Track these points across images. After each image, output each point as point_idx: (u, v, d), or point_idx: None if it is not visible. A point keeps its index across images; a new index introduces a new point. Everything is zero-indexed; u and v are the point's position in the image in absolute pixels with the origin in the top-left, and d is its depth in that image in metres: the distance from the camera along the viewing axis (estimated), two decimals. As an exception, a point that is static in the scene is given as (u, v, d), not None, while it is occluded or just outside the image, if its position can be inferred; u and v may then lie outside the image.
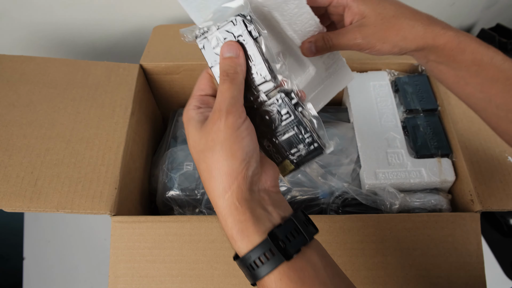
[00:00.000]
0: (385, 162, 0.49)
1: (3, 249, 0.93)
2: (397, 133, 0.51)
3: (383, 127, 0.52)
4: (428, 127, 0.51)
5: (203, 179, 0.28)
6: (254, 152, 0.28)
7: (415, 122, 0.52)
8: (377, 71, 0.57)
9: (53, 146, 0.46)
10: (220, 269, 0.43)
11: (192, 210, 0.51)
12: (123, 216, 0.43)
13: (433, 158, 0.49)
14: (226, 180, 0.26)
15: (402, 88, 0.55)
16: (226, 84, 0.28)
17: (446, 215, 0.44)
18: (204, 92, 0.31)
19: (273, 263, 0.25)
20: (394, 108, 0.54)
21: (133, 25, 0.71)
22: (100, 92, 0.51)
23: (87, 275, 0.70)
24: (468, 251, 0.43)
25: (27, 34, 0.67)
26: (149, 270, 0.43)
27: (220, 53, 0.29)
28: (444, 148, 0.49)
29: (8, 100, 0.49)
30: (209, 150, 0.27)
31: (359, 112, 0.54)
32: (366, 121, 0.53)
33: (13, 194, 0.42)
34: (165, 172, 0.52)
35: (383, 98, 0.55)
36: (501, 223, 0.75)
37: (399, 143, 0.50)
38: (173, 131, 0.57)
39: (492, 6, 0.96)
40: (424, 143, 0.50)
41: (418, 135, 0.51)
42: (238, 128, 0.27)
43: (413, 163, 0.49)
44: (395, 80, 0.56)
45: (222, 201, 0.26)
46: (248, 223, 0.26)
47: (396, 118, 0.53)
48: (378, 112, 0.54)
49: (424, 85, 0.55)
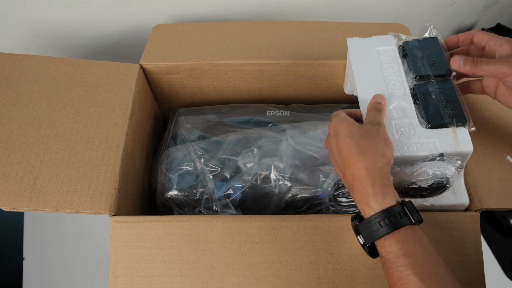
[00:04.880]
0: (392, 136, 0.44)
1: (3, 249, 0.93)
2: (406, 101, 0.47)
3: (389, 96, 0.47)
4: (441, 94, 0.46)
5: (360, 150, 0.39)
6: (391, 157, 0.40)
7: (426, 89, 0.47)
8: (383, 36, 0.52)
9: (53, 145, 0.46)
10: (219, 268, 0.42)
11: (191, 210, 0.51)
12: (122, 216, 0.43)
13: (448, 128, 0.44)
14: (382, 157, 0.38)
15: (411, 52, 0.50)
16: (380, 113, 0.44)
17: (446, 214, 0.44)
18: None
19: (404, 222, 0.36)
20: (402, 75, 0.49)
21: (132, 24, 0.71)
22: (100, 91, 0.51)
23: (87, 275, 0.70)
24: (468, 250, 0.43)
25: (27, 33, 0.67)
26: (148, 270, 0.42)
27: (373, 98, 0.46)
28: (460, 116, 0.44)
29: (7, 98, 0.49)
30: (369, 135, 0.40)
31: (362, 81, 0.49)
32: (370, 91, 0.48)
33: (12, 193, 0.42)
34: (163, 173, 0.52)
35: (389, 64, 0.50)
36: (501, 223, 0.75)
37: (408, 113, 0.46)
38: (173, 131, 0.57)
39: (492, 6, 0.96)
40: (436, 112, 0.45)
41: (430, 103, 0.46)
42: (388, 138, 0.41)
43: (425, 135, 0.44)
44: (403, 44, 0.51)
45: (374, 167, 0.38)
46: (389, 189, 0.38)
47: (404, 86, 0.48)
48: (384, 80, 0.49)
49: (435, 48, 0.49)
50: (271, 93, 0.63)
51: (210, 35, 0.60)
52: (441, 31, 1.00)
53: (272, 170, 0.50)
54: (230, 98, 0.63)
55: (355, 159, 0.38)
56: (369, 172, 0.38)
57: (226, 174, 0.51)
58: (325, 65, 0.57)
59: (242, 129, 0.55)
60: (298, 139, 0.52)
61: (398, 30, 0.62)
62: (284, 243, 0.43)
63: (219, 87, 0.61)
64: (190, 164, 0.52)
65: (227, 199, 0.50)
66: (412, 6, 0.86)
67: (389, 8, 0.84)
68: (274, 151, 0.52)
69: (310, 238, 0.43)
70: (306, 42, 0.59)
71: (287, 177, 0.50)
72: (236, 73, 0.58)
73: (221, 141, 0.53)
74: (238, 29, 0.62)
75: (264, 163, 0.51)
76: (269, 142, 0.53)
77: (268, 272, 0.43)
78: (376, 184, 0.37)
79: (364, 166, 0.38)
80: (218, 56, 0.57)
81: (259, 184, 0.50)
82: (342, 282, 0.42)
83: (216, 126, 0.56)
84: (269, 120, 0.56)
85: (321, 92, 0.62)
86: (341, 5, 0.79)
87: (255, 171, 0.50)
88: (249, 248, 0.43)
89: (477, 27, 1.03)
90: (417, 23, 0.92)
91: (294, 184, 0.50)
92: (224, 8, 0.72)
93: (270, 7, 0.75)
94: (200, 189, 0.50)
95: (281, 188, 0.50)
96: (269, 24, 0.63)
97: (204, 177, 0.51)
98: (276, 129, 0.54)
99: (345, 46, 0.52)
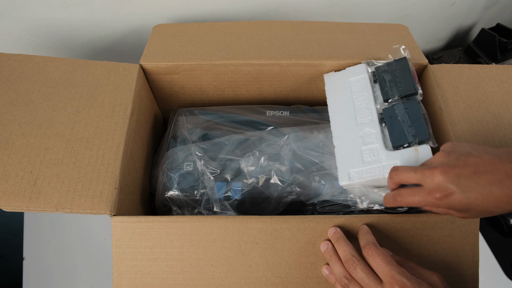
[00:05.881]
0: (360, 161, 0.46)
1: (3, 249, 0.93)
2: (373, 127, 0.48)
3: (359, 124, 0.49)
4: (407, 114, 0.47)
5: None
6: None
7: (392, 112, 0.48)
8: (355, 66, 0.54)
9: (53, 146, 0.46)
10: (221, 267, 0.43)
11: (191, 211, 0.51)
12: (123, 217, 0.43)
13: (410, 147, 0.45)
14: None
15: (380, 77, 0.51)
16: None
17: (446, 216, 0.44)
18: None
19: None
20: (370, 102, 0.50)
21: (132, 24, 0.71)
22: (100, 91, 0.51)
23: (87, 275, 0.70)
24: (464, 250, 0.43)
25: (27, 33, 0.67)
26: (151, 268, 0.43)
27: None
28: (422, 134, 0.45)
29: (7, 98, 0.49)
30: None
31: (335, 113, 0.51)
32: (342, 121, 0.50)
33: (12, 193, 0.42)
34: (165, 172, 0.52)
35: (360, 93, 0.51)
36: (501, 223, 0.75)
37: (374, 138, 0.47)
38: (173, 131, 0.57)
39: (492, 6, 0.96)
40: (401, 133, 0.46)
41: (395, 126, 0.47)
42: None
43: (388, 156, 0.45)
44: (374, 70, 0.52)
45: None
46: None
47: (372, 112, 0.49)
48: (354, 109, 0.50)
49: (403, 69, 0.50)
50: (271, 93, 0.63)
51: (210, 35, 0.60)
52: (441, 31, 1.00)
53: (273, 174, 0.50)
54: (230, 98, 0.63)
55: None
56: None
57: (226, 175, 0.51)
58: (325, 65, 0.57)
59: (243, 130, 0.55)
60: (300, 143, 0.53)
61: (398, 30, 0.62)
62: (284, 244, 0.43)
63: (219, 87, 0.61)
64: (190, 165, 0.52)
65: (227, 201, 0.50)
66: (412, 6, 0.86)
67: (389, 8, 0.84)
68: (276, 155, 0.52)
69: (310, 239, 0.43)
70: (306, 42, 0.59)
71: (288, 182, 0.50)
72: (236, 73, 0.58)
73: (223, 143, 0.54)
74: (238, 29, 0.62)
75: (265, 166, 0.51)
76: (271, 146, 0.53)
77: (268, 272, 0.43)
78: None
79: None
80: (218, 56, 0.57)
81: (260, 187, 0.50)
82: (342, 282, 0.42)
83: (216, 126, 0.56)
84: (269, 121, 0.56)
85: (321, 93, 0.62)
86: (341, 5, 0.79)
87: (256, 174, 0.51)
88: (249, 248, 0.43)
89: (477, 27, 1.03)
90: (417, 23, 0.92)
91: (294, 189, 0.50)
92: (224, 8, 0.72)
93: (270, 7, 0.75)
94: (201, 190, 0.50)
95: (281, 192, 0.50)
96: (269, 24, 0.62)
97: (204, 178, 0.51)
98: (277, 133, 0.54)
99: (345, 46, 0.52)
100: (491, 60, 0.92)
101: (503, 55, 0.91)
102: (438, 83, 0.53)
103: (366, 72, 0.53)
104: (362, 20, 0.69)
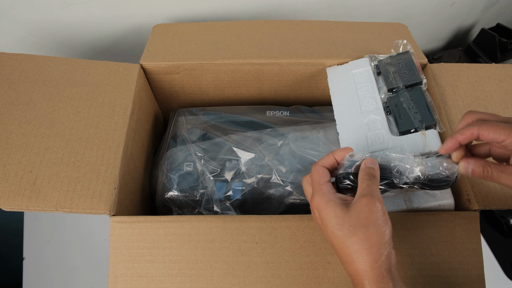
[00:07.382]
0: (365, 146, 0.47)
1: (3, 249, 0.93)
2: (378, 114, 0.49)
3: (363, 112, 0.50)
4: (412, 102, 0.49)
5: (353, 249, 0.33)
6: (391, 235, 0.34)
7: (398, 100, 0.50)
8: (358, 59, 0.55)
9: (53, 145, 0.46)
10: (219, 268, 0.42)
11: (191, 211, 0.51)
12: (122, 216, 0.43)
13: (417, 132, 0.46)
14: (378, 251, 0.32)
15: (384, 69, 0.53)
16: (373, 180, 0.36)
17: (446, 214, 0.44)
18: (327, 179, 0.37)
19: None
20: (375, 91, 0.51)
21: (132, 24, 0.71)
22: (100, 91, 0.51)
23: (87, 275, 0.70)
24: (467, 250, 0.43)
25: (27, 33, 0.67)
26: (148, 270, 0.42)
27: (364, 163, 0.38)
28: (428, 119, 0.46)
29: (7, 98, 0.49)
30: (362, 226, 0.33)
31: (339, 101, 0.53)
32: (346, 111, 0.51)
33: (12, 192, 0.42)
34: (164, 173, 0.52)
35: (363, 84, 0.53)
36: (501, 223, 0.75)
37: (380, 124, 0.48)
38: (173, 131, 0.57)
39: (492, 6, 0.96)
40: (407, 119, 0.47)
41: (400, 113, 0.48)
42: (385, 213, 0.34)
43: (394, 141, 0.46)
44: (377, 63, 0.54)
45: (370, 269, 0.32)
46: None
47: (376, 101, 0.51)
48: (358, 99, 0.52)
49: (406, 61, 0.52)
50: (271, 93, 0.63)
51: (210, 35, 0.60)
52: (441, 31, 1.00)
53: (273, 174, 0.50)
54: (230, 97, 0.63)
55: (350, 258, 0.33)
56: (360, 275, 0.32)
57: (226, 175, 0.51)
58: (325, 64, 0.57)
59: (243, 130, 0.55)
60: (299, 143, 0.53)
61: (398, 30, 0.62)
62: (284, 243, 0.43)
63: (219, 86, 0.61)
64: (190, 165, 0.52)
65: (227, 201, 0.50)
66: (412, 6, 0.86)
67: (389, 8, 0.84)
68: (276, 155, 0.52)
69: (310, 238, 0.43)
70: (306, 42, 0.59)
71: (288, 181, 0.50)
72: (236, 72, 0.58)
73: (223, 143, 0.53)
74: (238, 28, 0.62)
75: (266, 166, 0.51)
76: (270, 146, 0.53)
77: (267, 272, 0.43)
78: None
79: (357, 266, 0.33)
80: (218, 55, 0.57)
81: (260, 187, 0.50)
82: (342, 282, 0.42)
83: (216, 126, 0.56)
84: (269, 121, 0.56)
85: (321, 92, 0.62)
86: (341, 4, 0.79)
87: (257, 174, 0.50)
88: (248, 248, 0.43)
89: (477, 27, 1.03)
90: (417, 23, 0.92)
91: (295, 189, 0.50)
92: (224, 8, 0.72)
93: (270, 7, 0.75)
94: (201, 190, 0.50)
95: (281, 192, 0.50)
96: (269, 24, 0.63)
97: (204, 178, 0.51)
98: (277, 133, 0.54)
99: (345, 45, 0.52)
100: (491, 60, 0.92)
101: (503, 55, 0.91)
102: (437, 82, 0.53)
103: (369, 65, 0.54)
104: (362, 20, 0.69)
